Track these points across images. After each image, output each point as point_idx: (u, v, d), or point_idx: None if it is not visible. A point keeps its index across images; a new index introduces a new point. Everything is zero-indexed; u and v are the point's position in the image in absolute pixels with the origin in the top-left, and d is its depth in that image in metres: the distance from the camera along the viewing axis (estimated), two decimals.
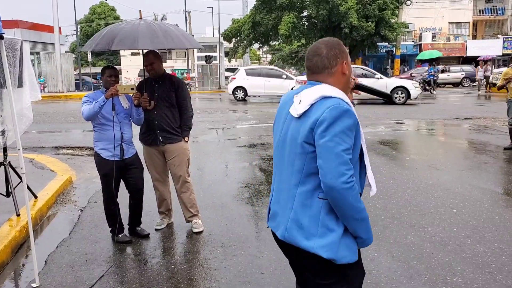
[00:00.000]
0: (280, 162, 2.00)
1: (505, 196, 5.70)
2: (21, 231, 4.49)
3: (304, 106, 1.85)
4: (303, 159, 1.86)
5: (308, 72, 2.01)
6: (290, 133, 1.93)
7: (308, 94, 1.88)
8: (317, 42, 2.01)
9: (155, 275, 3.70)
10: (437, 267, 3.71)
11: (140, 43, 4.00)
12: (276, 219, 2.01)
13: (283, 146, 1.97)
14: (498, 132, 10.72)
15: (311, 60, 1.97)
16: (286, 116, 1.99)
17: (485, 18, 43.86)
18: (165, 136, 4.45)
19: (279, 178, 2.02)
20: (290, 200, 1.92)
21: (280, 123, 2.03)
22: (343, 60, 1.95)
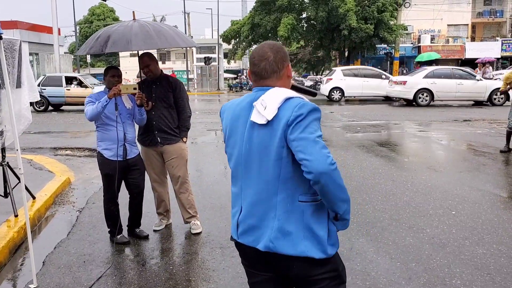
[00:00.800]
0: (247, 174, 1.92)
1: (503, 198, 5.70)
2: (19, 232, 4.48)
3: (273, 111, 1.81)
4: (279, 165, 1.83)
5: (255, 78, 1.96)
6: (256, 142, 1.87)
7: (271, 98, 1.84)
8: (261, 47, 1.97)
9: (154, 276, 3.70)
10: (436, 268, 3.71)
11: (134, 45, 3.98)
12: (254, 233, 1.91)
13: (249, 157, 1.90)
14: (497, 134, 10.73)
15: (258, 65, 1.93)
16: (243, 126, 1.92)
17: (484, 20, 43.94)
18: (163, 136, 4.44)
19: (249, 191, 1.92)
20: (271, 210, 1.86)
21: (238, 135, 1.94)
22: (288, 63, 1.97)
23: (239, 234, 1.97)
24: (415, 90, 18.39)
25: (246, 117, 1.92)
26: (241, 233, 1.96)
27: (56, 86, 19.22)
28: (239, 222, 1.96)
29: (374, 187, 6.13)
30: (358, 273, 3.63)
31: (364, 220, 4.84)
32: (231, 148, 2.00)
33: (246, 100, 1.95)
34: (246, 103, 1.94)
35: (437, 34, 41.66)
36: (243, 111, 1.94)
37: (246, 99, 1.95)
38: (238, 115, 1.96)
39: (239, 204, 1.98)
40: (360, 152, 8.72)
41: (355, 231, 4.51)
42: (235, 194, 2.02)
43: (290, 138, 1.78)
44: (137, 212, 4.51)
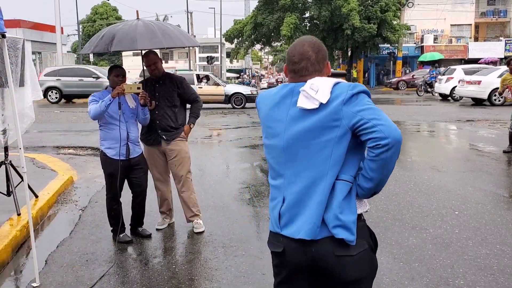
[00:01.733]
0: (292, 163, 1.87)
1: (507, 198, 5.68)
2: (21, 231, 4.49)
3: (327, 93, 1.77)
4: (330, 146, 1.77)
5: (294, 75, 1.92)
6: (302, 127, 1.81)
7: (321, 82, 1.80)
8: (301, 45, 1.91)
9: (156, 275, 3.70)
10: (439, 269, 3.70)
11: (139, 44, 4.00)
12: (297, 222, 1.84)
13: (294, 144, 1.84)
14: (499, 134, 10.70)
15: (299, 64, 1.89)
16: (285, 113, 1.87)
17: (487, 20, 43.83)
18: (167, 134, 4.45)
19: (294, 179, 1.86)
20: (318, 194, 1.80)
21: (278, 123, 1.89)
22: (327, 61, 1.95)
23: (282, 226, 1.89)
24: (490, 90, 18.12)
25: (287, 104, 1.87)
26: (284, 225, 1.89)
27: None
28: (282, 214, 1.89)
29: None
30: None
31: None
32: (271, 138, 1.93)
33: (285, 88, 1.91)
34: (287, 91, 1.89)
35: (440, 34, 41.58)
36: (283, 99, 1.90)
37: (285, 88, 1.91)
38: (278, 103, 1.91)
39: (280, 195, 1.91)
40: None
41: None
42: (275, 186, 1.95)
43: (353, 111, 1.74)
44: (139, 211, 4.52)
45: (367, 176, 1.81)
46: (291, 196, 1.87)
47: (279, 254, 1.93)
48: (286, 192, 1.89)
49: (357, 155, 1.84)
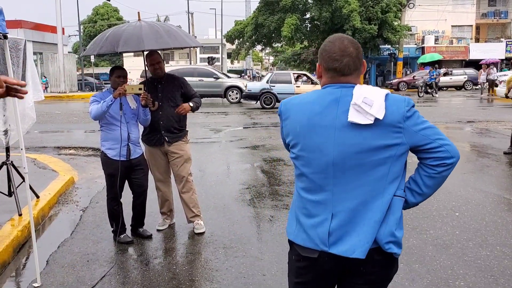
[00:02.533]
0: (340, 179, 1.76)
1: (507, 199, 5.68)
2: (23, 231, 4.49)
3: (382, 108, 1.70)
4: (388, 163, 1.73)
5: (333, 74, 1.81)
6: (354, 143, 1.72)
7: (374, 95, 1.72)
8: (340, 41, 1.81)
9: (157, 276, 3.70)
10: (439, 270, 3.70)
11: (146, 44, 4.02)
12: (349, 241, 1.75)
13: (344, 160, 1.74)
14: (501, 135, 10.70)
15: (341, 61, 1.78)
16: (331, 127, 1.75)
17: (488, 21, 43.82)
18: (170, 135, 4.47)
19: (345, 196, 1.77)
20: (376, 212, 1.74)
21: (322, 137, 1.77)
22: (363, 60, 1.87)
23: (331, 244, 1.77)
24: None
25: (332, 115, 1.76)
26: (333, 243, 1.77)
27: (285, 83, 19.16)
28: (331, 231, 1.77)
29: None
30: None
31: None
32: (310, 153, 1.80)
33: (328, 98, 1.79)
34: (330, 101, 1.77)
35: (441, 35, 41.57)
36: (326, 108, 1.77)
37: (327, 97, 1.79)
38: (320, 116, 1.78)
39: (327, 212, 1.79)
40: None
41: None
42: (316, 202, 1.82)
43: (415, 129, 1.74)
44: (140, 211, 4.52)
45: (419, 192, 1.82)
46: (344, 214, 1.77)
47: (310, 259, 1.84)
48: (336, 209, 1.78)
49: (405, 169, 1.83)
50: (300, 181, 1.89)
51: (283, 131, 1.93)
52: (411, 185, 1.84)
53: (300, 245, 1.85)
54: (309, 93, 1.87)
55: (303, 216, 1.86)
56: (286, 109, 1.89)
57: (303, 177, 1.86)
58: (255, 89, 19.42)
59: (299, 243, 1.85)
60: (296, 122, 1.83)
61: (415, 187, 1.82)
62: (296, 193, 1.93)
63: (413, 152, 1.80)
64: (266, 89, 19.06)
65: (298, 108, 1.84)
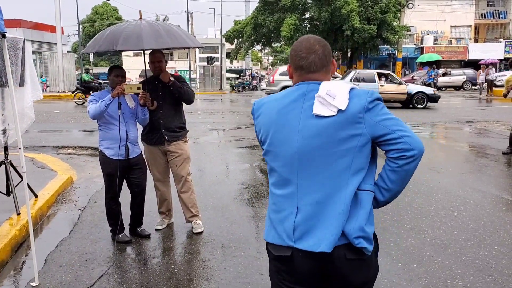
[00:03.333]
0: (305, 172, 1.77)
1: (505, 199, 5.69)
2: (21, 230, 4.49)
3: (345, 100, 1.72)
4: (351, 155, 1.73)
5: (301, 72, 1.84)
6: (319, 135, 1.74)
7: (337, 88, 1.74)
8: (307, 40, 1.86)
9: (155, 275, 3.70)
10: (437, 270, 3.70)
11: (145, 43, 4.02)
12: (315, 235, 1.73)
13: (309, 152, 1.75)
14: (499, 135, 10.71)
15: (307, 59, 1.82)
16: (296, 120, 1.78)
17: (487, 21, 43.87)
18: (170, 134, 4.47)
19: (310, 189, 1.77)
20: (339, 205, 1.72)
21: (289, 131, 1.79)
22: (333, 58, 1.91)
23: (296, 239, 1.76)
24: None
25: (298, 109, 1.79)
26: (299, 238, 1.76)
27: (369, 81, 18.83)
28: (296, 225, 1.76)
29: None
30: None
31: None
32: (278, 146, 1.83)
33: (295, 93, 1.82)
34: (298, 95, 1.81)
35: (440, 35, 41.62)
36: (293, 103, 1.81)
37: (295, 92, 1.83)
38: (286, 108, 1.81)
39: (292, 206, 1.79)
40: None
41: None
42: (283, 196, 1.82)
43: (376, 120, 1.73)
44: (138, 211, 4.52)
45: (385, 187, 1.81)
46: (308, 207, 1.76)
47: (285, 260, 1.81)
48: (301, 202, 1.78)
49: (374, 163, 1.83)
50: (270, 176, 1.91)
51: (256, 129, 1.95)
52: (378, 181, 1.83)
53: (271, 243, 1.84)
54: (279, 93, 1.91)
55: (273, 212, 1.87)
56: (257, 107, 1.93)
57: (272, 172, 1.89)
58: None
59: (270, 241, 1.85)
60: (266, 117, 1.87)
61: (381, 183, 1.81)
62: (269, 191, 1.93)
63: (376, 145, 1.78)
64: None
65: (268, 105, 1.89)
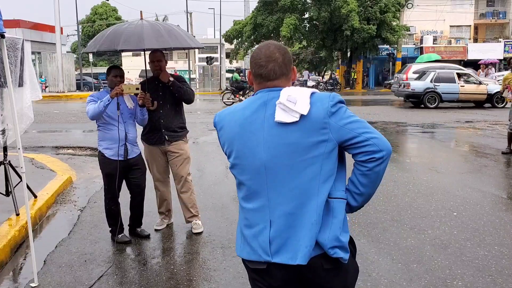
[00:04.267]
0: (274, 183, 1.71)
1: (505, 199, 5.69)
2: (20, 231, 4.49)
3: (307, 105, 1.66)
4: (319, 162, 1.67)
5: (260, 80, 1.79)
6: (284, 143, 1.69)
7: (298, 93, 1.69)
8: (266, 47, 1.79)
9: (155, 276, 3.70)
10: (437, 270, 3.70)
11: (146, 42, 4.03)
12: (291, 248, 1.69)
13: (275, 162, 1.70)
14: (499, 135, 10.71)
15: (266, 67, 1.76)
16: (260, 130, 1.72)
17: (487, 21, 43.88)
18: (171, 134, 4.47)
19: (280, 200, 1.71)
20: (311, 215, 1.67)
21: (253, 142, 1.73)
22: (293, 66, 1.86)
23: (273, 253, 1.70)
24: None
25: (261, 119, 1.73)
26: (276, 251, 1.70)
27: (449, 82, 18.45)
28: (272, 239, 1.70)
29: None
30: (359, 274, 3.61)
31: (365, 221, 4.84)
32: (244, 159, 1.76)
33: (256, 103, 1.76)
34: (259, 104, 1.75)
35: (439, 35, 41.61)
36: (255, 113, 1.75)
37: (256, 101, 1.77)
38: (249, 119, 1.75)
39: (265, 220, 1.73)
40: None
41: (356, 232, 4.51)
42: (254, 210, 1.76)
43: (341, 124, 1.67)
44: (138, 211, 4.52)
45: (357, 192, 1.76)
46: (281, 219, 1.71)
47: (262, 272, 1.76)
48: (273, 215, 1.72)
49: (343, 168, 1.79)
50: (239, 190, 1.83)
51: (220, 142, 1.88)
52: (349, 186, 1.77)
53: (246, 259, 1.79)
54: (240, 103, 1.85)
55: (245, 228, 1.79)
56: (219, 119, 1.86)
57: (241, 186, 1.81)
58: (418, 88, 18.23)
59: (245, 257, 1.79)
60: (229, 130, 1.80)
61: (353, 188, 1.76)
62: (239, 206, 1.85)
63: (343, 149, 1.73)
64: (431, 88, 18.12)
65: (231, 117, 1.82)
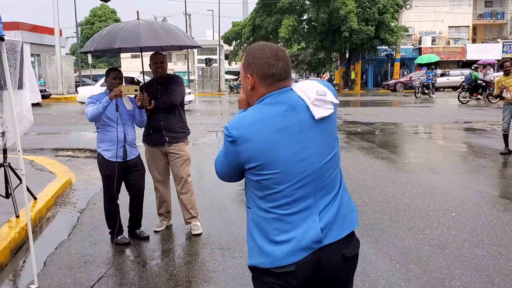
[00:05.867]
0: (320, 180, 1.74)
1: (503, 199, 5.71)
2: (20, 233, 4.50)
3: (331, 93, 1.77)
4: (338, 152, 1.84)
5: (271, 81, 1.73)
6: (324, 138, 1.74)
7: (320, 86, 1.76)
8: (268, 47, 1.77)
9: (154, 277, 3.71)
10: (435, 270, 3.72)
11: (143, 40, 4.05)
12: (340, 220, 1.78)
13: (321, 162, 1.73)
14: (497, 136, 10.73)
15: (277, 65, 1.73)
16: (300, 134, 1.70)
17: (485, 22, 43.97)
18: (171, 136, 4.48)
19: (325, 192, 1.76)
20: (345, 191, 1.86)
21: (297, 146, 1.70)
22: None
23: (325, 238, 1.73)
24: None
25: (298, 123, 1.70)
26: (325, 236, 1.73)
27: None
28: (323, 229, 1.72)
29: (374, 189, 6.14)
30: (358, 274, 3.64)
31: (363, 222, 4.85)
32: (285, 166, 1.69)
33: (281, 108, 1.71)
34: (285, 110, 1.70)
35: (438, 36, 41.68)
36: (287, 119, 1.70)
37: (280, 107, 1.71)
38: (284, 125, 1.69)
39: (313, 214, 1.73)
40: (360, 154, 8.73)
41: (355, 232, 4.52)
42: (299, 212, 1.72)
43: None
44: (137, 213, 4.53)
45: None
46: (327, 209, 1.75)
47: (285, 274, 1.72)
48: (319, 207, 1.74)
49: None
50: (271, 200, 1.72)
51: (241, 157, 1.71)
52: None
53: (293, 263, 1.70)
54: (255, 111, 1.74)
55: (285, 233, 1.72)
56: (242, 133, 1.68)
57: (277, 195, 1.71)
58: None
59: (292, 262, 1.70)
60: (263, 141, 1.67)
61: None
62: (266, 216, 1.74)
63: None
64: None
65: (258, 127, 1.68)
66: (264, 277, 1.75)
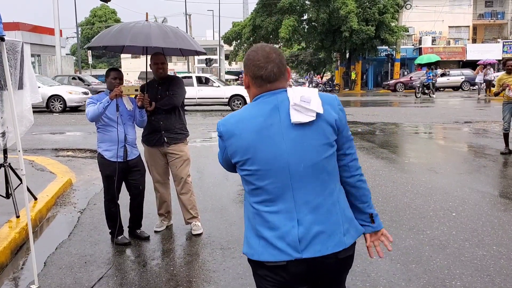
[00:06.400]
0: (299, 182, 1.76)
1: (504, 199, 5.71)
2: (20, 233, 4.50)
3: (319, 102, 1.76)
4: (333, 159, 1.81)
5: (261, 83, 1.80)
6: (303, 142, 1.75)
7: (309, 93, 1.76)
8: (262, 49, 1.83)
9: (154, 277, 3.71)
10: (436, 270, 3.72)
11: (154, 41, 4.09)
12: (321, 240, 1.75)
13: (298, 163, 1.75)
14: (498, 136, 10.72)
15: (266, 68, 1.78)
16: (279, 135, 1.75)
17: (485, 22, 43.95)
18: (170, 136, 4.49)
19: (307, 197, 1.77)
20: (335, 204, 1.80)
21: (272, 146, 1.75)
22: (287, 67, 1.90)
23: (303, 250, 1.74)
24: None
25: (278, 124, 1.76)
26: (305, 248, 1.74)
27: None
28: (301, 238, 1.74)
29: (375, 189, 6.14)
30: (358, 274, 3.64)
31: None
32: (266, 165, 1.76)
33: (266, 107, 1.78)
34: (270, 110, 1.77)
35: (438, 36, 41.67)
36: (269, 119, 1.76)
37: (265, 107, 1.78)
38: (266, 126, 1.76)
39: (292, 219, 1.76)
40: (361, 154, 8.73)
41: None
42: (277, 212, 1.77)
43: (345, 131, 1.86)
44: (137, 213, 4.53)
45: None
46: (308, 216, 1.76)
47: (278, 268, 1.77)
48: (300, 214, 1.76)
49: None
50: (254, 195, 1.81)
51: (227, 151, 1.85)
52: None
53: (269, 261, 1.77)
54: (244, 109, 1.84)
55: (267, 230, 1.78)
56: (228, 128, 1.82)
57: (258, 191, 1.80)
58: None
59: (270, 260, 1.77)
60: (245, 138, 1.77)
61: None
62: (251, 210, 1.84)
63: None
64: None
65: (242, 125, 1.79)
66: (259, 270, 1.83)
